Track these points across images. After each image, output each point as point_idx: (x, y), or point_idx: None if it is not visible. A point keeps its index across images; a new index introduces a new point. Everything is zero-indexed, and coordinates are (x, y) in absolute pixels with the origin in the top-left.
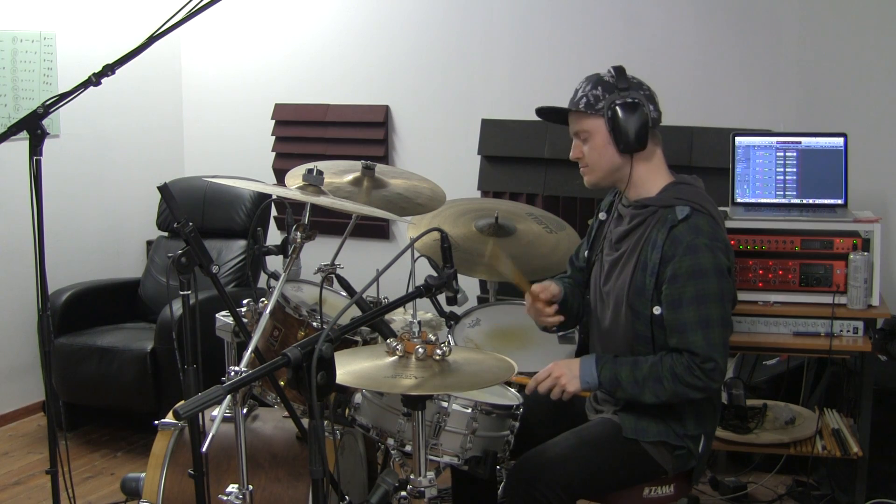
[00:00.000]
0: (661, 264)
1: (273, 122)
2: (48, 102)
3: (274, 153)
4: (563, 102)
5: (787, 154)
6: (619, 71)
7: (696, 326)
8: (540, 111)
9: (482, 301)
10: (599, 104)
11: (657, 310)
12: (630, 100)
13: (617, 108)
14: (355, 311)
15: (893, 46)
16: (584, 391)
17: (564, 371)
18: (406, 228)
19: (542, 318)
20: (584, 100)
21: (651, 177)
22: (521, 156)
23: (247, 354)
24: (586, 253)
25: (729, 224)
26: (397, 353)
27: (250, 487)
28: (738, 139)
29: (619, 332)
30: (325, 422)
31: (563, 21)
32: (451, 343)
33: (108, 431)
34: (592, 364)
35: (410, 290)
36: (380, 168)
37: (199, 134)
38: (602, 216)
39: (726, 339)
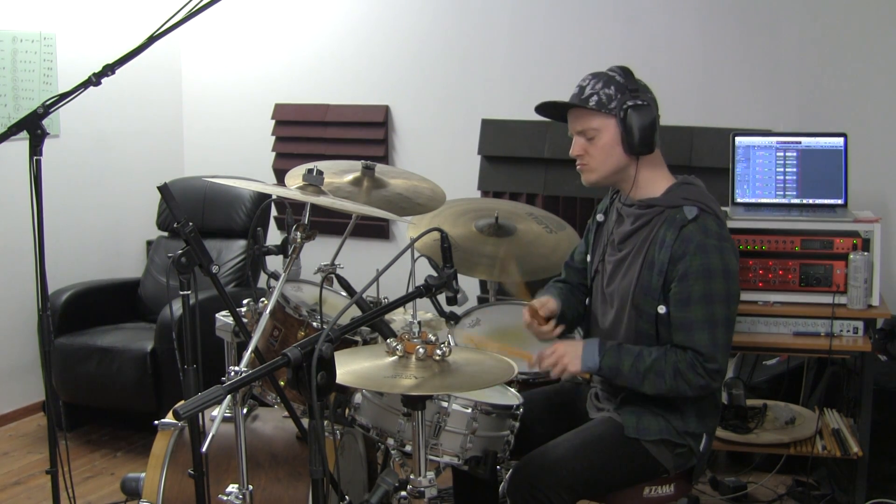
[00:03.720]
0: (669, 263)
1: (273, 121)
2: (48, 102)
3: (274, 153)
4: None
5: (787, 154)
6: (627, 72)
7: (703, 325)
8: (540, 107)
9: (482, 301)
10: (612, 104)
11: (662, 309)
12: (641, 102)
13: (630, 109)
14: (355, 311)
15: (893, 46)
16: (583, 372)
17: (568, 350)
18: (406, 228)
19: (542, 336)
20: (595, 98)
21: (655, 178)
22: (521, 156)
23: (247, 354)
24: (589, 257)
25: (729, 224)
26: (397, 353)
27: (250, 487)
28: (738, 139)
29: (620, 331)
30: (325, 422)
31: (563, 21)
32: (451, 343)
33: (108, 431)
34: (596, 349)
35: (410, 290)
36: (380, 168)
37: (199, 134)
38: (600, 218)
39: (729, 341)
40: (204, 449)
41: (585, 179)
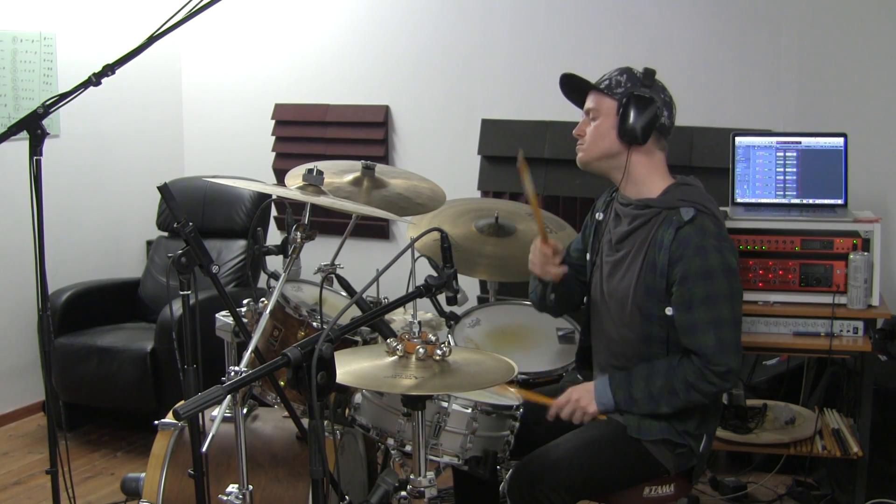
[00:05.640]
0: (669, 265)
1: (273, 121)
2: (48, 102)
3: (274, 153)
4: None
5: (787, 154)
6: (649, 72)
7: (708, 327)
8: (563, 79)
9: (482, 301)
10: (618, 89)
11: (669, 311)
12: (647, 95)
13: (632, 97)
14: (355, 311)
15: (893, 46)
16: (601, 413)
17: (583, 394)
18: (406, 228)
19: (547, 265)
20: (607, 82)
21: (651, 177)
22: None
23: (247, 354)
24: (588, 256)
25: (729, 224)
26: (397, 353)
27: (250, 487)
28: (738, 139)
29: (621, 332)
30: (325, 422)
31: (563, 21)
32: (451, 343)
33: (108, 431)
34: (606, 386)
35: (410, 290)
36: (380, 168)
37: (199, 134)
38: (599, 216)
39: (738, 339)
40: (204, 449)
41: (578, 159)
